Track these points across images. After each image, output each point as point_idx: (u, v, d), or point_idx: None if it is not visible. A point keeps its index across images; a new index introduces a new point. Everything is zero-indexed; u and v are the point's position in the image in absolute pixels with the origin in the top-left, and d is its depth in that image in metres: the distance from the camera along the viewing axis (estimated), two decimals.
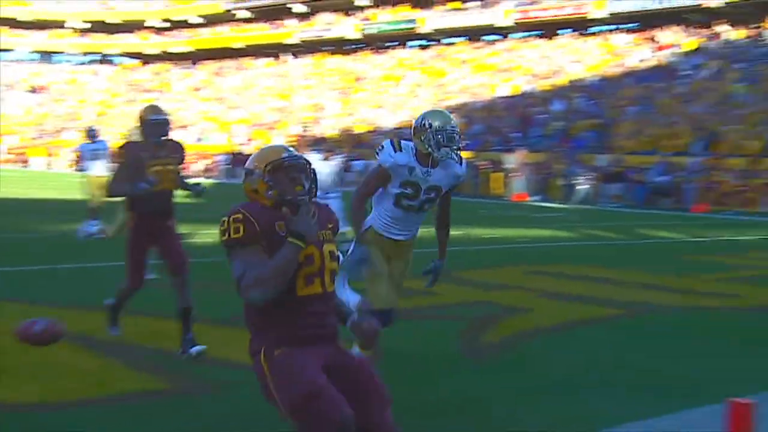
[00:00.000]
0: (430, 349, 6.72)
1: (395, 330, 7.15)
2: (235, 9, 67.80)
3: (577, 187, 32.37)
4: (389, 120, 48.50)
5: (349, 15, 62.44)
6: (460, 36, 57.08)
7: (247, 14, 67.83)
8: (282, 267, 3.27)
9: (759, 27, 44.02)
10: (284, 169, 3.46)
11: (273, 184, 3.44)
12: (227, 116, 56.56)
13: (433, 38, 58.55)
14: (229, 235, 3.36)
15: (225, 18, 68.58)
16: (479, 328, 7.56)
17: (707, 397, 5.23)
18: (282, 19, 66.68)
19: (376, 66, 58.64)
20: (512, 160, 36.74)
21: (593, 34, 51.29)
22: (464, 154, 9.60)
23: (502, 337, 7.27)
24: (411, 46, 59.91)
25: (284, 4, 64.63)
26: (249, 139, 49.08)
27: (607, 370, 6.27)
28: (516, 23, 53.35)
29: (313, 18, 64.38)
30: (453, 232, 5.88)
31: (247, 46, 66.54)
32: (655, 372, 6.18)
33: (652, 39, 47.77)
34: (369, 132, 46.11)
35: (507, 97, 47.70)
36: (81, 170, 14.88)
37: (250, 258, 3.32)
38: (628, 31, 49.93)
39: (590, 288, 10.21)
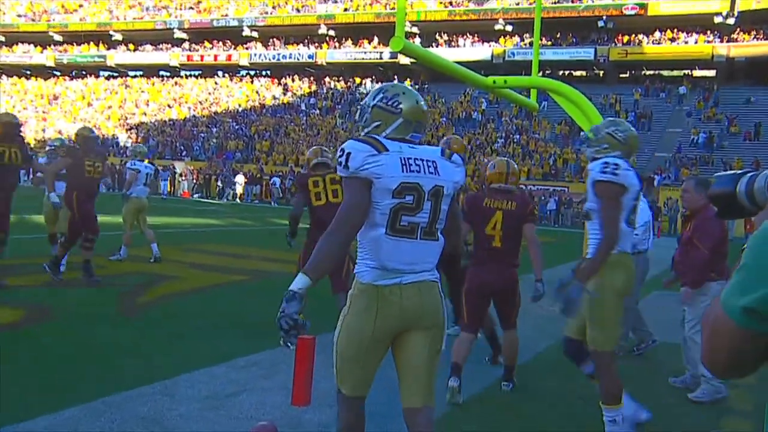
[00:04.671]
0: (93, 309, 6.15)
1: (63, 294, 6.50)
2: None
3: (232, 188, 32.24)
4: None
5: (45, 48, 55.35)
6: (139, 70, 53.52)
7: None
8: None
9: (352, 81, 47.33)
10: None
11: None
12: None
13: (119, 70, 54.16)
14: None
15: None
16: (134, 293, 7.11)
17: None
18: None
19: (72, 90, 52.80)
20: (180, 166, 35.53)
21: (240, 76, 51.34)
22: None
23: (152, 298, 6.92)
24: (101, 76, 54.81)
25: None
26: None
27: (226, 320, 6.24)
28: (181, 64, 51.45)
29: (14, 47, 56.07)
30: (116, 220, 5.42)
31: None
32: (263, 322, 6.26)
33: (281, 83, 49.12)
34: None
35: (176, 119, 45.87)
36: None
37: None
38: (265, 76, 50.74)
39: (228, 261, 10.17)
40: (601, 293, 3.36)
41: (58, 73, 55.33)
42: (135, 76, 53.63)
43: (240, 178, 32.70)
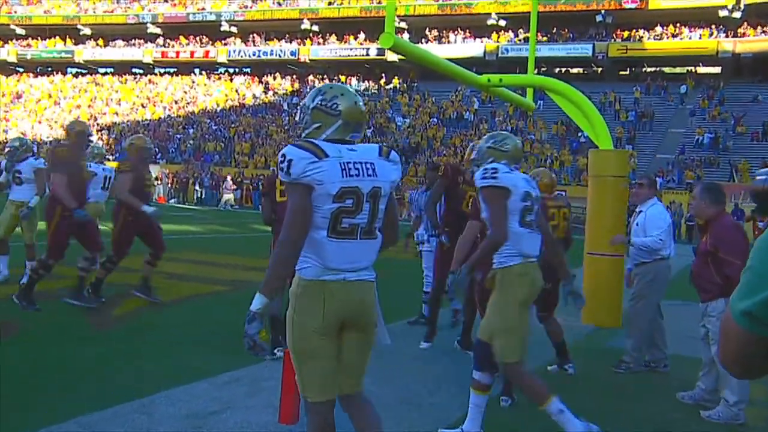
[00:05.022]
0: (65, 323, 6.12)
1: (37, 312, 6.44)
2: None
3: (225, 196, 32.00)
4: (46, 132, 43.93)
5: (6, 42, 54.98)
6: (110, 67, 53.31)
7: None
8: None
9: (337, 79, 47.35)
10: None
11: None
12: None
13: (88, 67, 53.91)
14: None
15: None
16: (108, 305, 7.06)
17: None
18: None
19: (36, 87, 52.48)
20: (154, 170, 35.30)
21: (219, 74, 51.26)
22: (114, 164, 8.77)
23: (127, 311, 6.88)
24: (69, 73, 54.48)
25: None
26: None
27: (206, 333, 6.24)
28: (155, 61, 51.31)
29: None
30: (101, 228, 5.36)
31: None
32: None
33: (262, 82, 49.08)
34: None
35: (150, 120, 45.72)
36: None
37: None
38: (245, 74, 50.69)
39: (207, 270, 10.15)
40: (504, 305, 3.65)
41: (21, 70, 54.96)
42: (105, 74, 53.44)
43: (229, 183, 32.61)
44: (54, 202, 6.52)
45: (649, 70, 42.92)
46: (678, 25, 40.60)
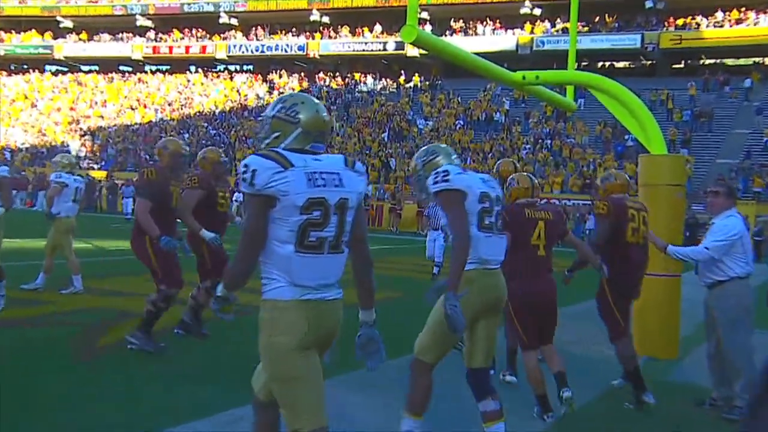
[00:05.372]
0: (44, 353, 6.18)
1: (7, 335, 6.53)
2: None
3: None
4: (21, 138, 44.58)
5: None
6: (94, 64, 54.06)
7: None
8: None
9: (350, 77, 47.66)
10: None
11: None
12: None
13: (69, 65, 54.73)
14: None
15: None
16: (93, 333, 7.13)
17: None
18: None
19: (11, 87, 53.32)
20: None
21: (217, 72, 51.78)
22: (101, 174, 8.92)
23: (115, 340, 6.89)
24: (48, 71, 55.33)
25: None
26: None
27: (205, 365, 6.25)
28: (145, 57, 51.96)
29: None
30: (81, 245, 5.40)
31: None
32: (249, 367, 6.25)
33: (266, 80, 49.48)
34: None
35: (140, 123, 46.26)
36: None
37: None
38: (247, 71, 51.13)
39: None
40: (441, 315, 3.76)
41: None
42: (89, 72, 54.23)
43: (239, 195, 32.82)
44: (140, 231, 6.38)
45: (707, 62, 42.75)
46: (742, 9, 40.34)
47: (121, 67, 53.60)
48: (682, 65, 43.49)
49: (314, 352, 2.76)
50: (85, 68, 54.60)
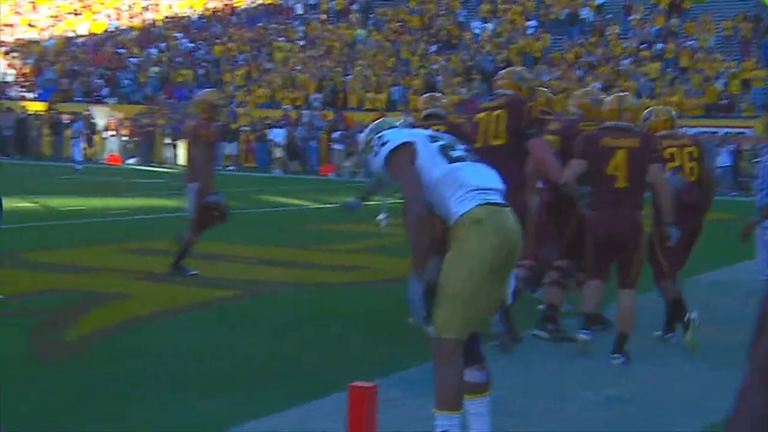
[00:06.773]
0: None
1: None
2: None
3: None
4: None
5: None
6: None
7: None
8: None
9: None
10: None
11: None
12: None
13: None
14: None
15: None
16: (58, 323, 7.17)
17: (332, 384, 5.33)
18: None
19: None
20: (101, 114, 35.92)
21: None
22: (38, 106, 8.81)
23: (91, 331, 6.96)
24: None
25: None
26: None
27: (219, 362, 6.24)
28: None
29: None
30: (24, 204, 5.41)
31: None
32: (275, 361, 6.22)
33: None
34: None
35: (88, 35, 46.33)
36: None
37: None
38: None
39: (200, 266, 10.13)
40: (459, 264, 4.06)
41: None
42: None
43: None
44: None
45: None
46: None
47: None
48: None
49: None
50: None
